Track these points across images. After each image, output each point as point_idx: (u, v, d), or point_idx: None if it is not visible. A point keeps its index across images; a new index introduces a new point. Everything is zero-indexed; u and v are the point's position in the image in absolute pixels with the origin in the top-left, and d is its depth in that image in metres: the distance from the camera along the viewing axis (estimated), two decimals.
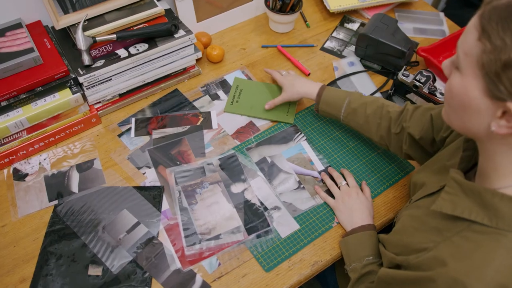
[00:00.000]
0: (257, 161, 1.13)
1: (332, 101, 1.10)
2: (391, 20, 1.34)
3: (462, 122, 0.66)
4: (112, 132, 1.18)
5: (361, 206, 1.01)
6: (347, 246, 0.96)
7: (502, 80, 0.55)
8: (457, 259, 0.62)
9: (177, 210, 1.03)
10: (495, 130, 0.59)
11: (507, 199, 0.62)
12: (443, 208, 0.68)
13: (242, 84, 1.29)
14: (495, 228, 0.62)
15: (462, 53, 0.60)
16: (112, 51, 1.15)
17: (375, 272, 0.89)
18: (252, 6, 1.46)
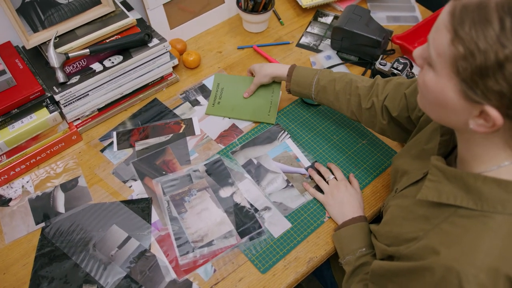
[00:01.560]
0: (243, 163, 1.12)
1: (302, 80, 1.10)
2: (364, 11, 1.34)
3: (438, 115, 0.66)
4: (94, 148, 1.16)
5: (351, 199, 1.01)
6: (339, 240, 0.96)
7: (478, 84, 0.55)
8: (447, 246, 0.63)
9: (167, 220, 1.02)
10: (473, 128, 0.60)
11: (489, 181, 0.62)
12: (428, 196, 0.69)
13: (223, 81, 1.27)
14: (481, 211, 0.62)
15: (435, 53, 0.59)
16: (87, 66, 1.14)
17: (369, 263, 0.89)
18: (224, 8, 1.46)
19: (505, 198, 0.61)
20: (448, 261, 0.61)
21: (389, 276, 0.73)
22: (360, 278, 0.89)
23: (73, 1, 1.11)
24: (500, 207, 0.61)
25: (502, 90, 0.53)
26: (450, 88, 0.59)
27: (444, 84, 0.59)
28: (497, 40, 0.51)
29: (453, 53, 0.55)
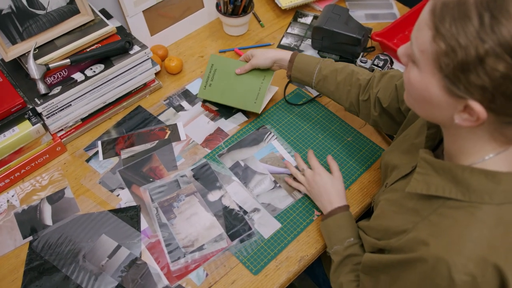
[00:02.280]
0: (231, 166, 1.13)
1: (304, 67, 1.10)
2: (343, 10, 1.35)
3: (424, 111, 0.67)
4: (79, 158, 1.16)
5: (328, 187, 1.00)
6: (327, 229, 0.96)
7: (460, 80, 0.56)
8: (436, 237, 0.64)
9: (156, 227, 1.02)
10: (459, 123, 0.61)
11: (477, 172, 0.63)
12: (417, 189, 0.70)
13: (217, 63, 1.23)
14: (469, 202, 0.63)
15: (418, 50, 0.60)
16: (68, 76, 1.13)
17: (357, 254, 0.90)
18: (204, 12, 1.46)
19: (492, 189, 0.62)
20: (438, 252, 0.62)
21: (380, 268, 0.74)
22: (350, 269, 0.90)
23: (51, 11, 1.10)
24: (487, 197, 0.62)
25: (484, 85, 0.54)
26: (434, 84, 0.60)
27: (428, 81, 0.60)
28: (477, 36, 0.52)
29: (435, 49, 0.56)
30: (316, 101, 1.27)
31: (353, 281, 0.87)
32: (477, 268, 0.60)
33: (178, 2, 1.37)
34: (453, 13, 0.54)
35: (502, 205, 0.62)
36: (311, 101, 1.26)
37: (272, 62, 1.15)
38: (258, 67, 1.18)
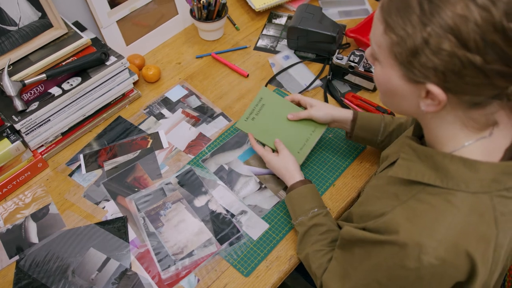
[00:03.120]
0: (215, 170, 1.13)
1: (367, 125, 1.04)
2: (316, 8, 1.37)
3: (394, 105, 0.71)
4: (62, 173, 1.14)
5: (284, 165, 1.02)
6: (291, 201, 0.98)
7: (414, 65, 0.60)
8: (410, 221, 0.65)
9: (145, 237, 1.02)
10: (425, 109, 0.64)
11: (456, 160, 0.65)
12: (399, 173, 0.72)
13: (267, 98, 1.13)
14: (446, 188, 0.65)
15: (375, 45, 0.65)
16: (45, 91, 1.12)
17: (322, 224, 0.92)
18: (179, 19, 1.46)
19: (469, 177, 0.64)
20: (410, 235, 0.64)
21: (355, 242, 0.76)
22: (315, 239, 0.91)
23: (24, 27, 1.09)
24: (463, 185, 0.64)
25: (435, 66, 0.58)
26: (395, 75, 0.64)
27: (389, 73, 0.64)
28: (420, 22, 0.57)
29: (388, 41, 0.61)
30: None
31: (319, 250, 0.89)
32: (448, 253, 0.62)
33: (152, 10, 1.37)
34: (398, 6, 0.59)
35: (477, 194, 0.64)
36: None
37: (332, 120, 1.06)
38: (315, 119, 1.08)
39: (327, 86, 1.30)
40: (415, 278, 0.64)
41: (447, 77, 0.58)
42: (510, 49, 0.54)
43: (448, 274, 0.64)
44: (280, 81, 1.33)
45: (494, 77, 0.56)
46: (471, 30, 0.54)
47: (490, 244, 0.64)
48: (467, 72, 0.56)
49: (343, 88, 1.30)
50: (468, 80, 0.57)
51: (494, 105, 0.62)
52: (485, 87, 0.58)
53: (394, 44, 0.60)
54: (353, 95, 1.27)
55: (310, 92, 1.30)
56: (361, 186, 1.10)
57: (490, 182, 0.64)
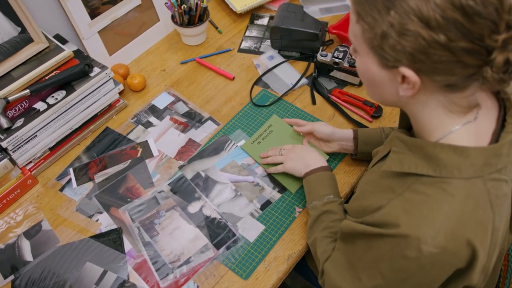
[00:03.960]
0: (191, 177, 1.12)
1: (369, 138, 1.06)
2: (297, 7, 1.37)
3: (378, 95, 0.73)
4: (52, 189, 1.13)
5: (310, 151, 1.06)
6: (308, 185, 0.99)
7: (385, 50, 0.62)
8: (408, 213, 0.66)
9: (141, 247, 1.01)
10: (403, 94, 0.65)
11: (447, 148, 0.66)
12: (392, 167, 0.72)
13: (276, 125, 1.19)
14: (440, 177, 0.65)
15: (352, 36, 0.68)
16: (30, 106, 1.10)
17: (335, 212, 0.93)
18: (161, 26, 1.45)
19: (460, 163, 0.64)
20: (409, 226, 0.64)
21: (356, 235, 0.76)
22: (325, 225, 0.92)
23: (3, 43, 1.08)
24: (456, 172, 0.64)
25: (403, 47, 0.60)
26: (371, 63, 0.66)
27: (366, 62, 0.67)
28: (384, 6, 0.60)
29: (360, 30, 0.64)
30: (283, 100, 1.28)
31: (327, 237, 0.90)
32: (447, 240, 0.62)
33: (133, 19, 1.37)
34: None
35: (470, 179, 0.64)
36: (278, 100, 1.28)
37: (333, 135, 1.08)
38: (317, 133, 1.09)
39: (313, 83, 1.31)
40: (416, 267, 0.65)
41: (416, 58, 0.60)
42: (471, 25, 0.55)
43: (449, 262, 0.64)
44: (266, 82, 1.33)
45: (461, 55, 0.57)
46: (431, 9, 0.56)
47: (488, 229, 0.65)
48: (434, 51, 0.58)
49: (329, 84, 1.31)
50: (436, 59, 0.59)
51: (472, 87, 0.63)
52: (455, 66, 0.59)
53: (365, 31, 0.63)
54: (339, 91, 1.27)
55: (297, 91, 1.30)
56: (353, 181, 1.10)
57: (482, 166, 0.64)
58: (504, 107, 0.70)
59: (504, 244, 0.78)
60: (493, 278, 0.88)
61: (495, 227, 0.66)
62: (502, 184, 0.66)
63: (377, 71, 0.66)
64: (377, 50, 0.63)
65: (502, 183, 0.66)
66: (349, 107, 1.24)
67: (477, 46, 0.56)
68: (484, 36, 0.55)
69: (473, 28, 0.55)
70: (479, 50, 0.57)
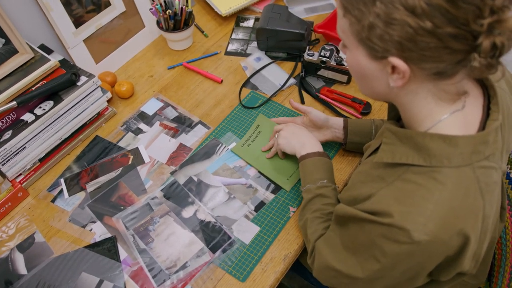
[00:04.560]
0: (184, 182, 1.12)
1: (359, 129, 1.08)
2: (282, 8, 1.38)
3: (369, 89, 0.73)
4: (44, 200, 1.12)
5: (304, 130, 1.07)
6: (304, 169, 1.00)
7: (373, 41, 0.63)
8: (399, 201, 0.66)
9: (136, 254, 1.00)
10: (394, 85, 0.66)
11: (436, 137, 0.67)
12: (383, 158, 0.73)
13: (263, 125, 1.20)
14: (430, 166, 0.66)
15: (341, 32, 0.69)
16: (17, 118, 1.09)
17: (328, 196, 0.94)
18: (146, 32, 1.45)
19: (450, 152, 0.65)
20: (400, 214, 0.65)
21: (349, 218, 0.76)
22: (317, 208, 0.93)
23: None
24: (446, 161, 0.65)
25: (391, 36, 0.60)
26: (361, 56, 0.67)
27: (356, 55, 0.68)
28: None
29: (348, 23, 0.65)
30: (272, 101, 1.28)
31: (318, 217, 0.91)
32: (438, 228, 0.63)
33: (118, 26, 1.36)
34: None
35: (460, 167, 0.65)
36: (267, 101, 1.28)
37: (327, 121, 1.10)
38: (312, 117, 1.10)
39: (301, 83, 1.31)
40: (406, 254, 0.66)
41: (404, 46, 0.60)
42: (455, 11, 0.56)
43: (438, 250, 0.65)
44: (255, 83, 1.33)
45: (447, 40, 0.58)
46: None
47: (479, 216, 0.66)
48: (421, 39, 0.59)
49: (317, 83, 1.31)
50: (424, 46, 0.59)
51: (461, 74, 0.64)
52: (442, 52, 0.59)
53: (353, 24, 0.64)
54: (328, 90, 1.28)
55: (286, 91, 1.31)
56: (345, 179, 1.11)
57: (470, 154, 0.65)
58: (489, 95, 0.71)
59: (495, 232, 0.79)
60: (484, 266, 0.89)
61: (485, 214, 0.67)
62: (491, 171, 0.67)
63: (367, 63, 0.67)
64: (365, 42, 0.64)
65: (491, 171, 0.67)
66: (338, 105, 1.25)
67: (463, 31, 0.57)
68: (469, 21, 0.56)
69: (458, 14, 0.56)
70: (465, 35, 0.57)
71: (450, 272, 0.71)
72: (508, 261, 1.03)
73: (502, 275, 1.05)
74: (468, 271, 0.71)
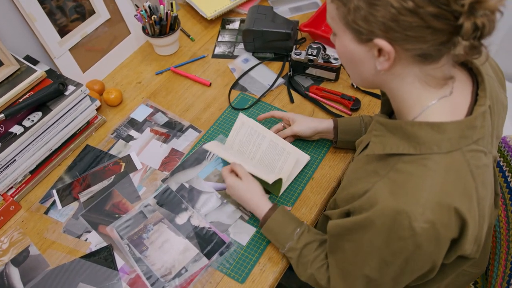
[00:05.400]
0: (176, 189, 1.11)
1: (348, 128, 1.09)
2: (267, 8, 1.38)
3: (358, 75, 0.75)
4: (37, 212, 1.11)
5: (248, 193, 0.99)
6: (271, 232, 0.96)
7: (358, 23, 0.65)
8: (394, 192, 0.67)
9: (133, 263, 1.00)
10: (380, 68, 0.67)
11: (424, 125, 0.68)
12: (374, 150, 0.74)
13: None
14: (420, 154, 0.67)
15: (330, 19, 0.71)
16: (6, 131, 1.08)
17: (311, 241, 0.92)
18: (132, 38, 1.44)
19: (438, 139, 0.66)
20: (396, 205, 0.65)
21: (344, 235, 0.76)
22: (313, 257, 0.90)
23: None
24: (436, 147, 0.66)
25: (375, 18, 0.62)
26: (348, 40, 0.69)
27: (344, 40, 0.70)
28: None
29: (335, 9, 0.67)
30: (262, 101, 1.28)
31: (321, 266, 0.89)
32: (435, 213, 0.64)
33: (103, 34, 1.35)
34: None
35: (449, 153, 0.66)
36: (257, 102, 1.28)
37: (314, 133, 1.11)
38: (298, 134, 1.11)
39: (290, 82, 1.31)
40: (413, 246, 0.66)
41: (388, 27, 0.62)
42: None
43: (442, 234, 0.65)
44: (243, 85, 1.33)
45: (429, 20, 0.59)
46: None
47: (473, 198, 0.67)
48: (404, 18, 0.60)
49: (306, 82, 1.32)
50: (407, 26, 0.61)
51: (445, 57, 0.66)
52: (425, 32, 0.61)
53: (339, 8, 0.66)
54: (316, 88, 1.28)
55: (275, 91, 1.31)
56: (339, 175, 1.11)
57: (459, 139, 0.66)
58: (477, 82, 0.72)
59: (492, 218, 0.79)
60: (485, 252, 0.90)
61: (479, 196, 0.68)
62: (480, 155, 0.68)
63: (355, 47, 0.69)
64: (351, 25, 0.66)
65: (480, 154, 0.68)
66: (328, 102, 1.25)
67: (444, 10, 0.58)
68: (450, 1, 0.58)
69: None
70: (446, 15, 0.59)
71: (451, 256, 0.71)
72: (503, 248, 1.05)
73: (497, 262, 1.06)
74: (470, 255, 0.71)
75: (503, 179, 1.08)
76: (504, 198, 1.07)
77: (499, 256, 1.05)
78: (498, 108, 0.77)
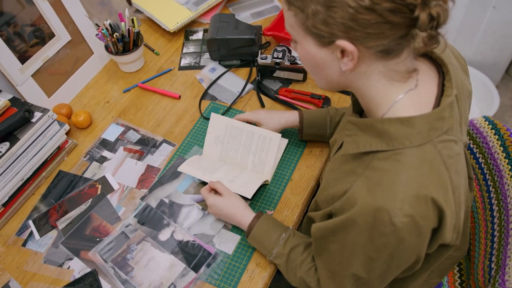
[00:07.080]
0: (156, 205, 1.10)
1: (313, 121, 1.11)
2: (229, 16, 1.39)
3: (324, 79, 0.75)
4: (14, 246, 1.08)
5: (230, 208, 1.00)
6: (257, 240, 0.96)
7: (318, 27, 0.65)
8: (372, 190, 0.68)
9: (119, 286, 0.98)
10: (345, 68, 0.68)
11: (394, 121, 0.69)
12: (349, 149, 0.74)
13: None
14: (393, 150, 0.68)
15: (289, 27, 0.71)
16: None
17: (297, 245, 0.92)
18: (96, 58, 1.42)
19: (409, 133, 0.68)
20: (375, 202, 0.66)
21: (328, 237, 0.77)
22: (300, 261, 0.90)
23: None
24: (407, 141, 0.68)
25: (334, 19, 0.63)
26: (310, 45, 0.69)
27: (305, 46, 0.70)
28: None
29: (293, 16, 0.68)
30: (233, 109, 1.28)
31: (310, 269, 0.89)
32: (413, 207, 0.65)
33: (65, 56, 1.33)
34: None
35: (421, 145, 0.68)
36: (228, 110, 1.28)
37: (283, 129, 1.14)
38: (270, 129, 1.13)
39: (259, 87, 1.32)
40: (396, 241, 0.67)
41: (348, 27, 0.63)
42: None
43: (422, 225, 0.66)
44: (213, 94, 1.33)
45: (386, 15, 0.61)
46: None
47: (448, 187, 0.68)
48: (362, 16, 0.61)
49: (275, 85, 1.33)
50: (366, 23, 0.62)
51: (406, 51, 0.67)
52: (384, 28, 0.62)
53: (298, 15, 0.67)
54: (286, 90, 1.29)
55: (245, 97, 1.31)
56: (317, 174, 1.12)
57: (428, 132, 0.68)
58: (443, 73, 0.74)
59: (468, 201, 0.82)
60: (465, 236, 0.92)
61: (454, 185, 0.69)
62: (451, 144, 0.70)
63: (317, 52, 0.69)
64: (311, 30, 0.66)
65: (451, 143, 0.70)
66: (298, 103, 1.26)
67: (399, 5, 0.60)
68: None
69: None
70: (402, 9, 0.60)
71: (433, 245, 0.72)
72: (482, 227, 1.07)
73: (478, 241, 1.09)
74: (451, 243, 0.73)
75: (475, 161, 1.11)
76: (478, 179, 1.10)
77: (479, 235, 1.08)
78: (464, 95, 0.79)
